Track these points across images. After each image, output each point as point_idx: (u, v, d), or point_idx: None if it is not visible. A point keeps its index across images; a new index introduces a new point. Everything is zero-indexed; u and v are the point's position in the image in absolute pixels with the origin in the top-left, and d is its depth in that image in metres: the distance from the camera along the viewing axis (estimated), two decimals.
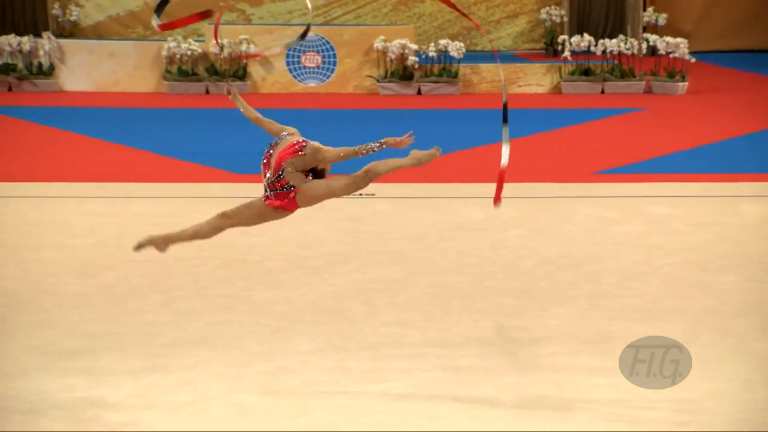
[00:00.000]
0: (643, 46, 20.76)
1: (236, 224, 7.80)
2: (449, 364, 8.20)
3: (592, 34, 22.28)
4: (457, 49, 20.25)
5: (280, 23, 22.71)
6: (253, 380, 7.86)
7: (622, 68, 20.70)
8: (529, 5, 23.62)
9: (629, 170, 14.81)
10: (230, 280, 10.16)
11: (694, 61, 20.73)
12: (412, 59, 20.25)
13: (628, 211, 12.62)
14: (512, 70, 20.82)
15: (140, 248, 7.72)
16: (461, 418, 7.31)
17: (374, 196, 13.20)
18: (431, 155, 7.79)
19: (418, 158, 7.79)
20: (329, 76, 20.53)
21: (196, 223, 7.76)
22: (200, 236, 7.70)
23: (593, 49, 20.70)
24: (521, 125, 17.82)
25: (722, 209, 12.59)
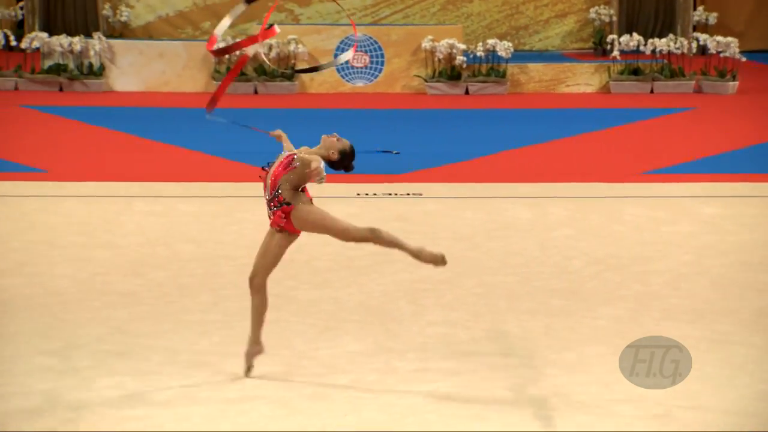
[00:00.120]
0: (693, 45, 20.63)
1: (264, 272, 7.85)
2: (496, 363, 8.18)
3: (641, 33, 22.15)
4: (505, 48, 20.21)
5: (328, 23, 22.75)
6: (300, 379, 7.87)
7: (671, 68, 20.58)
8: (577, 4, 23.53)
9: (678, 170, 14.72)
10: (278, 279, 10.17)
11: (744, 60, 20.57)
12: (460, 59, 20.23)
13: (677, 211, 12.54)
14: (560, 69, 20.74)
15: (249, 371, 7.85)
16: (509, 418, 7.29)
17: (422, 195, 13.19)
18: (434, 259, 7.70)
19: (422, 253, 7.70)
20: (377, 76, 20.54)
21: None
22: (260, 310, 7.83)
23: (642, 48, 20.59)
24: (569, 125, 17.75)
25: None
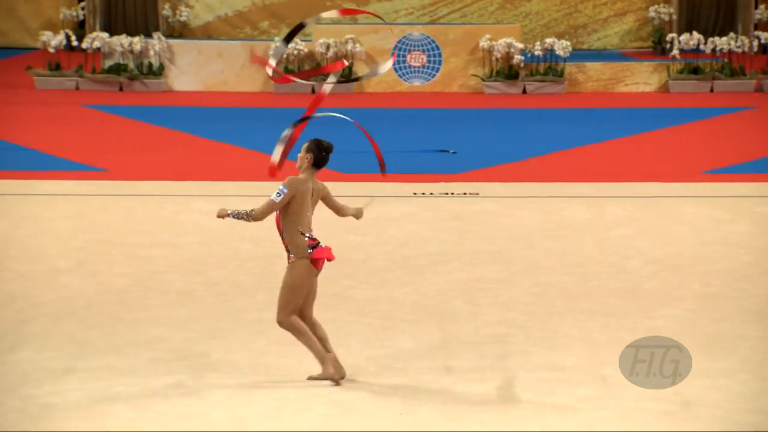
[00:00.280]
0: (753, 44, 20.43)
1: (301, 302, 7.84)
2: (553, 364, 8.16)
3: (701, 32, 21.96)
4: (563, 47, 20.12)
5: (386, 22, 22.75)
6: (357, 378, 7.89)
7: (732, 66, 20.39)
8: (637, 3, 23.37)
9: (738, 170, 14.59)
10: (335, 278, 10.21)
11: None
12: (517, 58, 20.17)
13: (736, 211, 12.44)
14: (619, 68, 20.63)
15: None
16: (566, 417, 7.27)
17: (478, 195, 13.17)
18: (329, 376, 7.74)
19: (324, 362, 7.75)
20: (434, 75, 20.53)
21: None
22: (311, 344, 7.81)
23: (702, 47, 20.42)
24: (627, 124, 17.64)
25: None
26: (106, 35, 20.55)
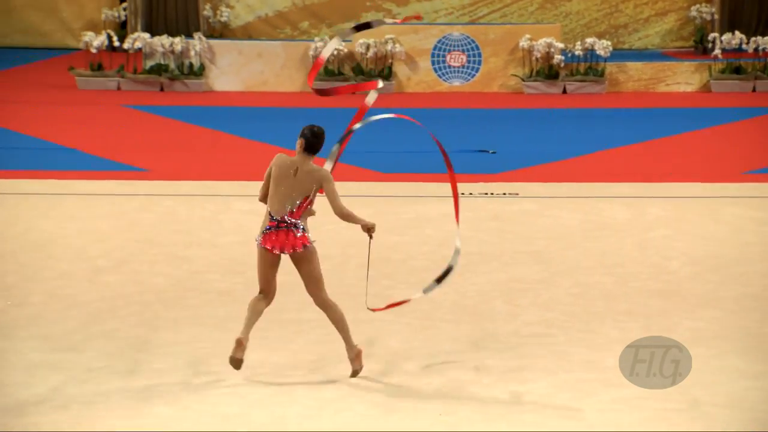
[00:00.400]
0: None
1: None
2: (593, 364, 8.13)
3: (743, 31, 21.80)
4: (603, 47, 20.04)
5: (425, 23, 22.74)
6: (396, 378, 7.89)
7: None
8: (678, 2, 23.24)
9: None
10: (374, 278, 10.20)
11: None
12: (557, 58, 20.11)
13: None
14: (660, 68, 20.52)
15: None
16: (605, 418, 7.24)
17: (518, 195, 13.15)
18: None
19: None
20: (474, 75, 20.50)
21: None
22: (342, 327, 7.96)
23: (744, 46, 20.28)
24: (668, 124, 17.56)
25: None
26: (147, 36, 20.65)
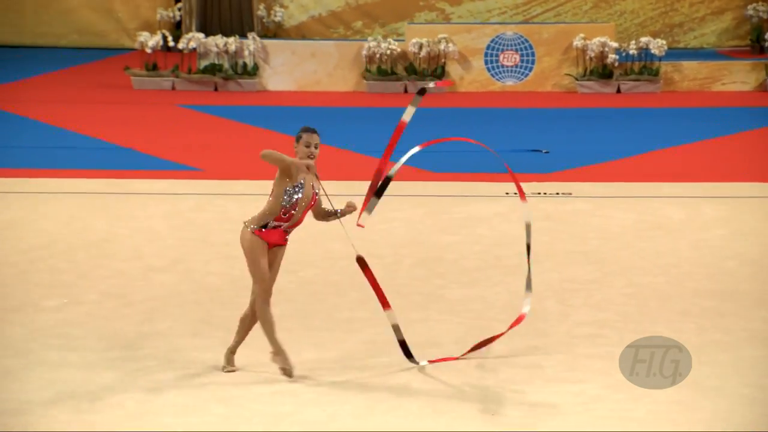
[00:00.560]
0: None
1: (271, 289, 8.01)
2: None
3: None
4: (658, 46, 19.92)
5: (479, 22, 22.71)
6: (448, 378, 7.89)
7: None
8: (734, 1, 23.06)
9: None
10: (426, 277, 10.22)
11: None
12: (612, 57, 20.01)
13: None
14: (716, 67, 20.37)
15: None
16: (659, 419, 7.20)
17: (571, 195, 13.09)
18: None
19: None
20: (527, 74, 20.45)
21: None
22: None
23: None
24: (724, 123, 17.42)
25: None
26: (201, 36, 20.77)
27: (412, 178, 13.82)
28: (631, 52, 20.05)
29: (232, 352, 8.04)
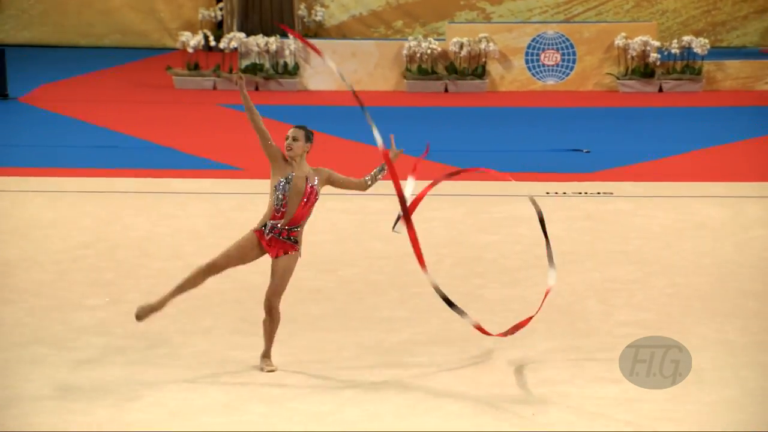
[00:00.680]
0: None
1: (223, 270, 8.10)
2: None
3: None
4: (701, 45, 19.81)
5: (519, 21, 22.66)
6: (488, 378, 7.87)
7: None
8: None
9: None
10: (466, 277, 10.20)
11: None
12: (653, 56, 19.92)
13: None
14: (759, 66, 20.24)
15: (141, 319, 8.06)
16: (702, 420, 7.16)
17: (612, 194, 13.04)
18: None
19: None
20: (568, 73, 20.38)
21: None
22: (186, 289, 8.08)
23: None
24: (766, 122, 17.31)
25: None
26: (242, 35, 20.84)
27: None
28: (673, 51, 19.95)
29: (265, 356, 8.05)
